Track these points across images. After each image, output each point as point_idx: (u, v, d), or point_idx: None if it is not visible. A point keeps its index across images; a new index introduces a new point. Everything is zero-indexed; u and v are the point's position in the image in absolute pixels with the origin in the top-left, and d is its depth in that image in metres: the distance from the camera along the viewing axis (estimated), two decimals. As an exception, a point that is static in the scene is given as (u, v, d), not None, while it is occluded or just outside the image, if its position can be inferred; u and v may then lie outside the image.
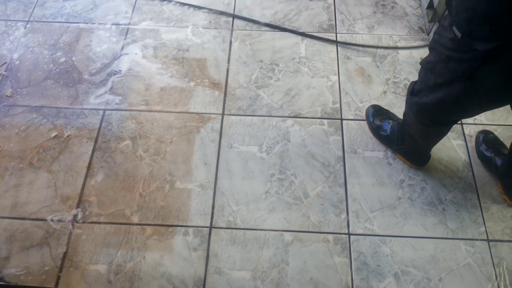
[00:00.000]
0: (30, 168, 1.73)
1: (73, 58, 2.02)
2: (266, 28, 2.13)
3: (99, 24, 2.14)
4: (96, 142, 1.78)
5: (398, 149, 1.71)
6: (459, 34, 1.02)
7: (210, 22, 2.15)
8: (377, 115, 1.79)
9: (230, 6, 2.21)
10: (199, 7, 2.19)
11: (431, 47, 1.22)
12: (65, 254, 1.55)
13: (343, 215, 1.63)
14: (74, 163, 1.73)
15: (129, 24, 2.14)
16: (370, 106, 1.84)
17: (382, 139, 1.77)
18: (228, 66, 2.00)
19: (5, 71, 1.98)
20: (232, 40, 2.09)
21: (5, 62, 2.01)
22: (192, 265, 1.53)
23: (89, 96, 1.90)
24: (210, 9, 2.17)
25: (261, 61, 2.02)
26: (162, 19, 2.16)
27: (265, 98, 1.90)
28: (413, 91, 1.37)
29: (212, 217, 1.62)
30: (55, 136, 1.80)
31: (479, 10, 0.94)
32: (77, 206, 1.64)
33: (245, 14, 2.18)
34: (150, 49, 2.05)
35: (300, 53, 2.04)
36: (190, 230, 1.60)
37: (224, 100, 1.90)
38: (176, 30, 2.11)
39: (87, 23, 2.14)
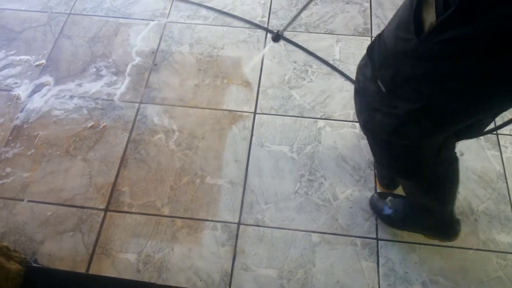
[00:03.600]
0: (67, 156, 1.78)
1: (112, 52, 2.07)
2: (301, 29, 2.13)
3: (137, 19, 2.18)
4: (130, 134, 1.82)
5: (421, 229, 1.53)
6: (383, 89, 0.97)
7: (245, 21, 2.16)
8: (378, 203, 1.61)
9: (266, 6, 2.22)
10: (235, 16, 2.21)
11: (357, 91, 1.15)
12: (96, 241, 1.59)
13: (372, 220, 1.62)
14: (109, 153, 1.78)
15: (166, 20, 2.17)
16: (375, 193, 1.66)
17: (396, 225, 1.58)
18: (262, 65, 2.02)
19: (45, 61, 2.04)
20: (267, 40, 2.10)
21: (46, 52, 2.07)
22: (219, 260, 1.55)
23: (125, 89, 1.95)
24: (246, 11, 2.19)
25: (295, 62, 2.02)
26: (199, 16, 2.19)
27: (298, 99, 1.91)
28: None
29: (240, 214, 1.64)
30: (92, 126, 1.84)
31: (402, 70, 0.90)
32: (110, 195, 1.68)
33: (280, 14, 2.19)
34: (186, 45, 2.08)
35: (334, 56, 2.04)
36: (219, 225, 1.62)
37: (257, 99, 1.91)
38: (212, 28, 2.14)
39: (125, 18, 2.19)
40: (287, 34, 2.11)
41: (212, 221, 1.62)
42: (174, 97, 1.92)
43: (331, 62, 2.02)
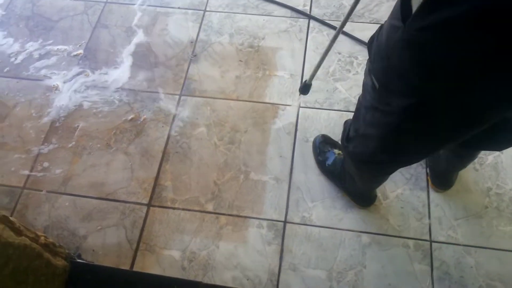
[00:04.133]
0: (107, 149, 1.74)
1: (150, 41, 2.02)
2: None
3: (175, 8, 2.12)
4: (171, 127, 1.78)
5: (341, 187, 1.60)
6: (377, 85, 0.90)
7: (287, 10, 2.08)
8: (324, 145, 1.67)
9: (307, -6, 2.14)
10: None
11: (363, 87, 1.09)
12: (140, 237, 1.56)
13: (425, 221, 1.55)
14: (150, 147, 1.74)
15: (205, 9, 2.11)
16: (320, 134, 1.71)
17: (326, 172, 1.64)
18: (305, 56, 1.94)
19: (83, 51, 2.00)
20: (310, 30, 2.02)
21: (84, 42, 2.03)
22: (266, 259, 1.50)
23: (164, 81, 1.90)
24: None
25: (339, 53, 1.94)
26: (238, 5, 2.12)
27: (343, 92, 1.84)
28: (348, 137, 1.23)
29: (286, 212, 1.59)
30: (132, 118, 1.81)
31: (392, 63, 0.82)
32: (153, 190, 1.65)
33: (323, 3, 2.10)
34: (225, 35, 2.02)
35: (381, 47, 1.95)
36: (264, 223, 1.57)
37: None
38: (252, 17, 2.07)
39: (163, 7, 2.13)
40: (332, 23, 2.02)
41: (257, 218, 1.58)
42: (214, 89, 1.87)
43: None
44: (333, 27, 2.00)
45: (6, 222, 1.12)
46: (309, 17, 2.05)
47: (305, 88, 1.53)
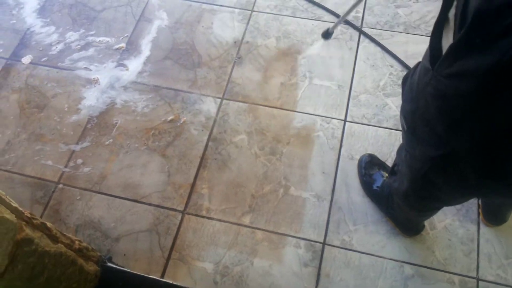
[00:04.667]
0: (145, 149, 1.69)
1: (194, 40, 1.95)
2: (399, 29, 1.93)
3: (221, 6, 2.05)
4: (211, 132, 1.72)
5: (386, 212, 1.50)
6: (405, 127, 0.83)
7: (337, 16, 1.98)
8: (370, 166, 1.57)
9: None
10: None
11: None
12: (173, 245, 1.51)
13: (473, 256, 1.46)
14: (188, 151, 1.68)
15: (252, 9, 2.03)
16: (367, 154, 1.61)
17: (371, 195, 1.55)
18: (354, 67, 1.85)
19: (125, 44, 1.95)
20: (361, 38, 1.92)
21: (127, 35, 1.98)
22: (301, 282, 1.44)
23: (207, 82, 1.83)
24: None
25: (391, 66, 1.84)
26: (287, 7, 2.03)
27: (393, 109, 1.74)
28: (393, 168, 1.17)
29: (326, 233, 1.51)
30: (172, 120, 1.75)
31: (419, 107, 0.74)
32: (189, 197, 1.59)
33: (377, 10, 1.99)
34: (272, 38, 1.94)
35: (436, 63, 1.84)
36: (302, 242, 1.50)
37: (347, 105, 1.76)
38: (301, 21, 1.98)
39: (209, 4, 2.06)
40: (383, 34, 1.91)
41: (295, 237, 1.51)
42: (258, 95, 1.79)
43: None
44: (379, 44, 1.89)
45: (44, 230, 1.08)
46: (360, 31, 1.94)
47: (327, 35, 1.64)
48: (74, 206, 1.60)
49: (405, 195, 1.11)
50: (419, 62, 0.85)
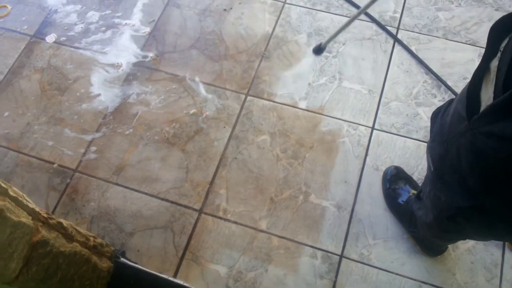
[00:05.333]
0: (165, 142, 1.66)
1: (222, 30, 1.88)
2: (438, 34, 1.83)
3: (253, -5, 1.97)
4: (233, 129, 1.67)
5: (409, 230, 1.44)
6: (431, 167, 0.79)
7: (374, 15, 1.89)
8: (396, 179, 1.50)
9: (399, 1, 1.93)
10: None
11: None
12: (187, 244, 1.49)
13: (495, 282, 1.40)
14: (208, 148, 1.64)
15: (285, 1, 1.94)
16: (393, 166, 1.54)
17: (394, 210, 1.48)
18: (387, 71, 1.76)
19: (151, 30, 1.89)
20: (396, 41, 1.83)
21: (153, 20, 1.92)
22: (316, 294, 1.40)
23: (232, 76, 1.78)
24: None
25: (426, 74, 1.75)
26: (322, 1, 1.94)
27: (425, 120, 1.66)
28: (419, 194, 1.12)
29: (344, 245, 1.47)
30: (194, 113, 1.70)
31: (450, 155, 0.69)
32: (206, 196, 1.56)
33: (416, 12, 1.89)
34: (303, 34, 1.86)
35: (474, 73, 1.74)
36: (319, 253, 1.46)
37: (377, 111, 1.68)
38: (335, 18, 1.89)
39: (240, -8, 1.98)
40: (421, 38, 1.82)
41: (312, 247, 1.47)
42: (284, 94, 1.73)
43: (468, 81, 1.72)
44: (412, 53, 1.80)
45: (60, 229, 1.06)
46: (395, 39, 1.85)
47: (318, 50, 1.58)
48: (91, 196, 1.58)
49: (429, 226, 1.06)
50: (452, 100, 0.80)
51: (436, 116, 0.83)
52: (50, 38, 1.90)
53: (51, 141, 1.67)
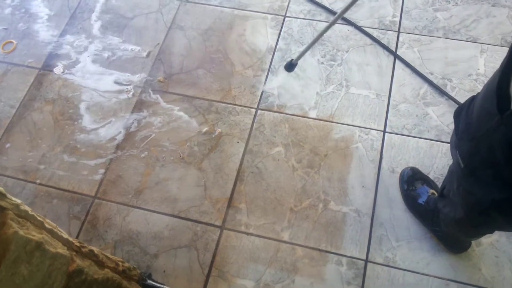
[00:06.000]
0: (181, 162, 1.68)
1: (226, 48, 1.92)
2: (438, 34, 1.87)
3: (253, 11, 2.00)
4: (247, 144, 1.69)
5: (432, 229, 1.45)
6: (461, 164, 0.80)
7: (374, 20, 1.92)
8: (413, 180, 1.52)
9: (397, 3, 1.96)
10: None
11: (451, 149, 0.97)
12: (212, 261, 1.50)
13: (522, 274, 1.41)
14: (224, 164, 1.66)
15: (285, 14, 1.98)
16: (409, 167, 1.56)
17: (414, 211, 1.50)
18: (393, 74, 1.79)
19: (157, 53, 1.93)
20: (399, 44, 1.86)
21: (158, 43, 1.95)
22: (345, 301, 1.41)
23: (241, 92, 1.80)
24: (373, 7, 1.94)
25: (431, 74, 1.78)
26: (321, 12, 1.97)
27: (434, 119, 1.68)
28: (442, 192, 1.13)
29: (368, 250, 1.48)
30: (206, 131, 1.73)
31: (482, 151, 0.71)
32: (226, 212, 1.57)
33: (414, 14, 1.93)
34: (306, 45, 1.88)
35: (478, 69, 1.77)
36: (344, 260, 1.47)
37: (387, 115, 1.71)
38: (335, 26, 1.93)
39: (241, 9, 2.02)
40: (422, 39, 1.85)
41: (336, 254, 1.48)
42: (294, 105, 1.76)
43: (474, 77, 1.75)
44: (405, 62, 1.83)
45: (91, 257, 1.07)
46: (395, 55, 1.88)
47: (290, 67, 1.52)
48: (112, 221, 1.59)
49: (458, 222, 1.08)
50: (473, 97, 0.81)
51: (459, 114, 0.85)
52: (58, 69, 1.93)
53: (68, 171, 1.69)
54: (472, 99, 0.81)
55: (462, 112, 0.83)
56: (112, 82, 1.87)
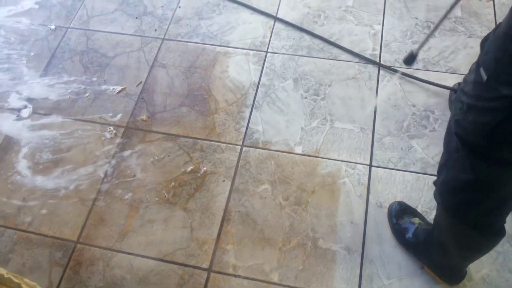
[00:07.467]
0: (166, 203, 1.64)
1: (209, 84, 1.92)
2: (418, 66, 1.90)
3: (235, 48, 2.02)
4: (233, 182, 1.67)
5: (425, 260, 1.44)
6: (484, 77, 0.85)
7: (354, 54, 1.95)
8: (401, 215, 1.52)
9: (377, 37, 2.00)
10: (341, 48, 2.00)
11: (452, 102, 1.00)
12: (200, 307, 1.45)
13: (515, 309, 1.39)
14: (211, 204, 1.63)
15: (267, 50, 2.00)
16: (396, 201, 1.56)
17: (405, 245, 1.50)
18: (375, 108, 1.80)
19: (140, 92, 1.91)
20: (380, 77, 1.88)
21: (140, 82, 1.94)
22: None
23: (225, 129, 1.79)
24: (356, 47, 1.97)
25: (414, 106, 1.80)
26: (302, 47, 2.00)
27: (419, 151, 1.69)
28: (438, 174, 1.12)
29: (359, 288, 1.45)
30: (191, 170, 1.70)
31: (510, 50, 0.79)
32: (213, 254, 1.53)
33: (394, 47, 1.96)
34: (289, 80, 1.90)
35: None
36: (335, 300, 1.43)
37: (372, 148, 1.71)
38: (317, 61, 1.95)
39: (223, 46, 2.03)
40: (403, 71, 1.88)
41: (327, 294, 1.44)
42: (279, 141, 1.75)
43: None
44: (408, 75, 1.86)
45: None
46: (379, 65, 1.91)
47: (410, 59, 1.49)
48: (95, 267, 1.54)
49: (464, 184, 1.02)
50: (500, 23, 0.87)
51: (487, 39, 0.93)
52: (25, 112, 1.89)
53: (49, 215, 1.64)
54: (498, 26, 0.87)
55: (488, 39, 0.89)
56: (95, 122, 1.84)
